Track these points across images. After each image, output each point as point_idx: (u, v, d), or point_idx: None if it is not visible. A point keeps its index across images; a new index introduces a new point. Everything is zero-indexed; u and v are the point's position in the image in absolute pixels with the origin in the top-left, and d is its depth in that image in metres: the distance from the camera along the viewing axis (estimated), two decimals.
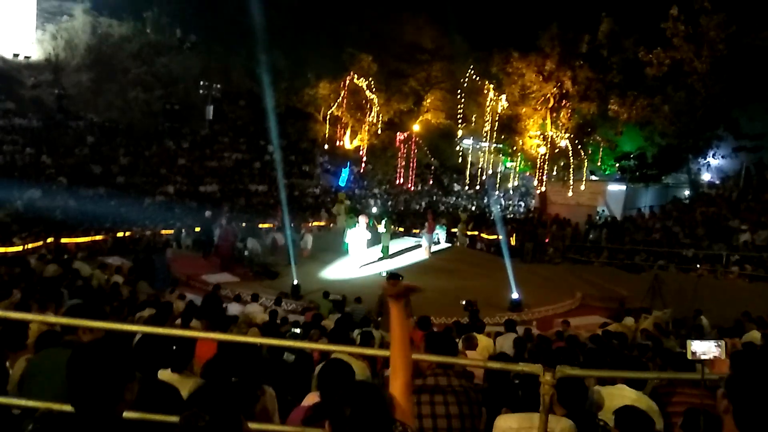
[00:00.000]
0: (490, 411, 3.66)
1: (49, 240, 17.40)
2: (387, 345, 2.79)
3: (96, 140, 28.47)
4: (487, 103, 30.10)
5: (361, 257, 17.61)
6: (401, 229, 25.46)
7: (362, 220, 17.66)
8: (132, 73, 32.42)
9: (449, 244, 23.03)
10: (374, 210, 29.33)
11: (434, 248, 20.97)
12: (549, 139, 27.81)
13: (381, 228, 19.91)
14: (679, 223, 20.20)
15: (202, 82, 33.60)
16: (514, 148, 29.38)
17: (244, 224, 20.75)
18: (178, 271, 16.33)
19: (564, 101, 27.39)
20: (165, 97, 32.53)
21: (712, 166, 25.99)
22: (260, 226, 22.42)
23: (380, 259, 18.95)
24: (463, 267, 19.09)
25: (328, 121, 34.13)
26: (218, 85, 34.15)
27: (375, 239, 19.66)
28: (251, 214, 24.63)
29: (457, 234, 23.42)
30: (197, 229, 20.24)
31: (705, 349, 3.06)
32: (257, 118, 33.29)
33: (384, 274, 15.51)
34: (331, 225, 24.50)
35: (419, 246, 20.93)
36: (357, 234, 17.46)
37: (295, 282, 14.69)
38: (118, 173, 26.80)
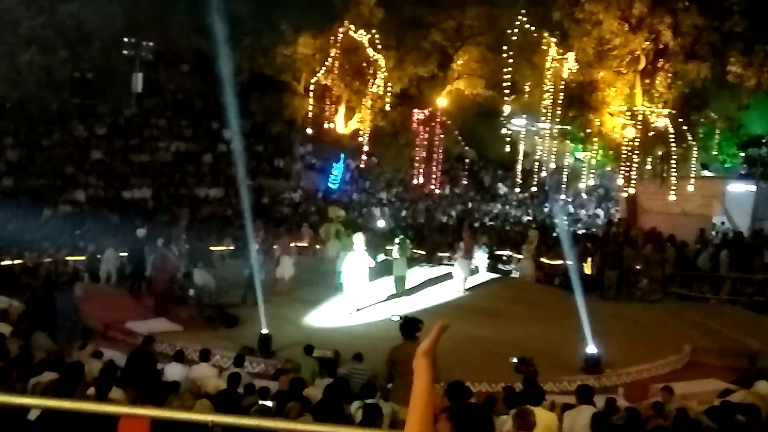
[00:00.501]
0: None
1: None
2: (400, 425, 2.83)
3: None
4: (547, 65, 30.20)
5: (361, 294, 17.71)
6: (422, 253, 25.50)
7: (359, 239, 17.74)
8: (24, 26, 32.73)
9: (494, 275, 23.13)
10: (381, 223, 29.39)
11: (472, 280, 21.06)
12: (640, 117, 27.85)
13: (394, 252, 20.06)
14: None
15: (126, 39, 33.92)
16: (588, 130, 29.39)
17: (189, 247, 20.86)
18: (91, 316, 16.40)
19: (661, 61, 27.44)
20: (72, 61, 32.87)
21: None
22: (213, 249, 22.49)
23: (392, 296, 19.07)
24: (515, 308, 19.15)
25: (312, 94, 34.31)
26: (150, 44, 34.48)
27: (382, 268, 19.77)
28: (200, 231, 24.77)
29: (522, 261, 23.65)
30: (121, 255, 20.35)
31: None
32: (207, 90, 33.64)
33: (396, 318, 15.50)
34: (318, 247, 24.59)
35: (449, 277, 21.04)
36: (355, 260, 17.56)
37: (265, 331, 14.71)
38: (2, 173, 27.06)
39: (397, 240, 20.46)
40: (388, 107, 35.15)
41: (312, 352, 12.77)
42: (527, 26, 31.37)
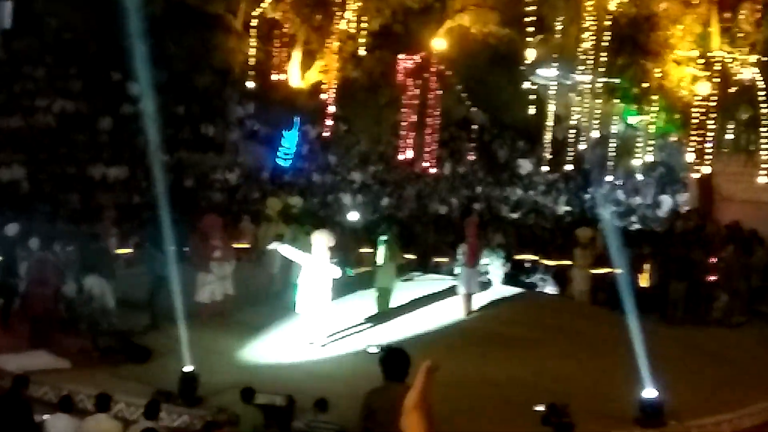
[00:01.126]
0: None
1: None
2: None
3: None
4: None
5: (324, 317, 17.79)
6: (410, 257, 25.51)
7: (320, 240, 17.76)
8: None
9: (513, 289, 23.23)
10: (353, 216, 29.33)
11: (481, 297, 21.17)
12: (717, 67, 27.93)
13: (378, 256, 20.28)
14: None
15: None
16: (645, 85, 29.48)
17: (79, 249, 20.69)
18: None
19: None
20: None
21: None
22: (113, 251, 22.26)
23: (371, 319, 19.17)
24: (542, 335, 19.27)
25: (254, 33, 34.12)
26: None
27: (355, 279, 19.75)
28: (93, 226, 24.60)
29: (573, 272, 24.01)
30: None
31: None
32: (104, 27, 33.28)
33: (374, 350, 15.52)
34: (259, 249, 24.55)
35: (450, 293, 21.15)
36: (315, 269, 17.62)
37: (188, 368, 14.66)
38: None
39: (381, 239, 20.45)
40: (362, 51, 34.98)
41: (254, 399, 12.72)
42: None
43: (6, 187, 28.10)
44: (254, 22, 33.75)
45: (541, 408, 11.50)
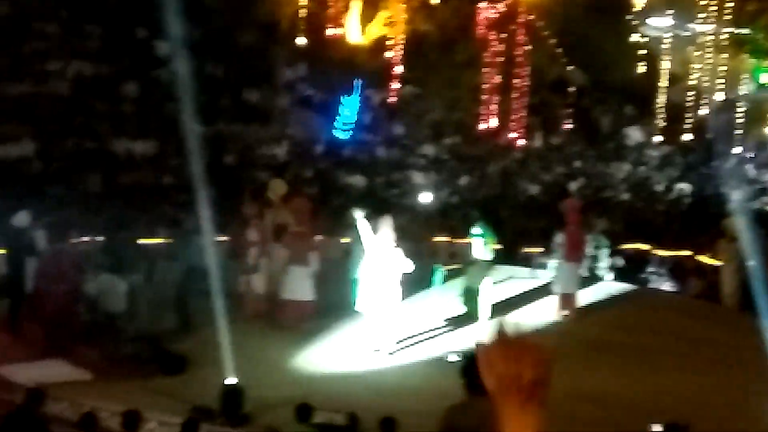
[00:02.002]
0: None
1: None
2: None
3: None
4: None
5: (394, 319, 17.83)
6: (497, 248, 25.49)
7: (387, 227, 17.90)
8: None
9: (622, 286, 23.08)
10: (425, 198, 29.28)
11: (581, 295, 21.15)
12: None
13: (473, 248, 20.35)
14: None
15: None
16: None
17: (101, 240, 20.89)
18: None
19: None
20: None
21: None
22: (139, 241, 22.38)
23: (452, 322, 19.23)
24: (659, 343, 19.13)
25: None
26: None
27: (420, 274, 19.76)
28: (119, 212, 24.84)
29: (722, 269, 23.82)
30: None
31: None
32: None
33: (454, 358, 15.41)
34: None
35: (545, 292, 21.31)
36: (379, 261, 17.72)
37: (232, 380, 14.71)
38: None
39: (475, 230, 20.39)
40: (434, 0, 34.98)
41: (310, 417, 12.68)
42: None
43: (13, 165, 28.30)
44: None
45: (658, 429, 11.38)
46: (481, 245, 20.08)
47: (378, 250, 17.74)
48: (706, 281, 24.33)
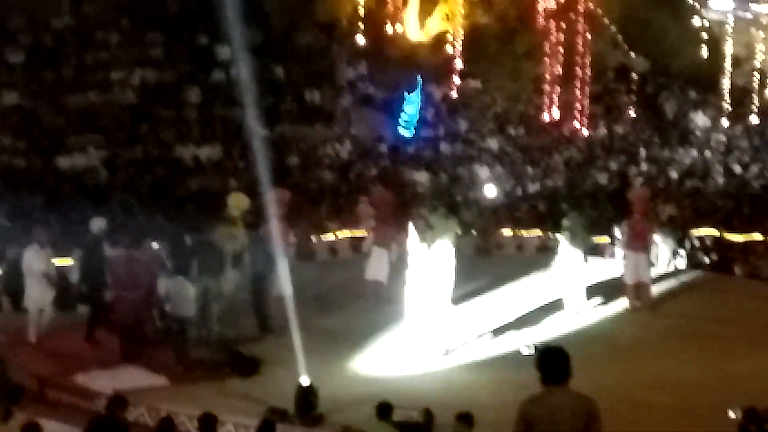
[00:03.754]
0: None
1: None
2: None
3: None
4: None
5: (439, 318, 17.73)
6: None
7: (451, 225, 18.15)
8: None
9: (693, 273, 23.01)
10: (490, 191, 29.15)
11: (654, 283, 21.08)
12: None
13: (563, 242, 20.27)
14: None
15: None
16: None
17: (174, 243, 20.92)
18: (20, 367, 16.58)
19: None
20: None
21: None
22: (217, 241, 22.39)
23: (537, 311, 19.37)
24: (731, 328, 18.98)
25: None
26: None
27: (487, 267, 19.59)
28: (188, 217, 24.86)
29: None
30: (64, 262, 20.48)
31: None
32: None
33: (528, 351, 15.40)
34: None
35: (616, 281, 21.25)
36: (431, 259, 17.76)
37: (306, 381, 14.73)
38: None
39: (566, 222, 20.38)
40: None
41: (389, 414, 12.64)
42: None
43: (80, 175, 28.42)
44: None
45: (736, 414, 11.26)
46: (570, 237, 19.93)
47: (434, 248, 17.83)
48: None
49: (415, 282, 17.97)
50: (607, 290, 21.28)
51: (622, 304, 20.45)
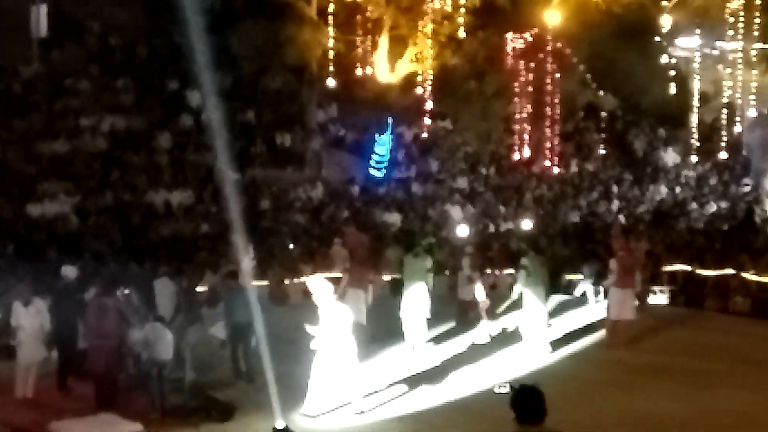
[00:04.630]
0: None
1: None
2: None
3: None
4: None
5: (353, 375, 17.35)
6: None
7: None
8: None
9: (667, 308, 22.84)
10: (461, 231, 29.24)
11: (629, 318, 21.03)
12: None
13: (520, 279, 20.06)
14: None
15: None
16: None
17: (139, 292, 20.82)
18: None
19: None
20: None
21: None
22: (194, 288, 22.28)
23: (510, 350, 19.15)
24: (708, 364, 19.01)
25: (333, 21, 34.25)
26: None
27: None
28: (160, 263, 24.72)
29: None
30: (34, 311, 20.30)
31: None
32: (156, 27, 33.83)
33: (502, 390, 15.36)
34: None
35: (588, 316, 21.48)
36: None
37: (280, 425, 14.66)
38: None
39: (524, 261, 20.23)
40: (462, 33, 34.94)
41: None
42: None
43: (51, 223, 28.33)
44: (331, 8, 33.86)
45: None
46: (526, 276, 19.92)
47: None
48: (751, 299, 24.13)
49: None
50: (579, 327, 21.50)
51: (595, 339, 20.54)
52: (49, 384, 18.09)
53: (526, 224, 30.06)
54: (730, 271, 25.15)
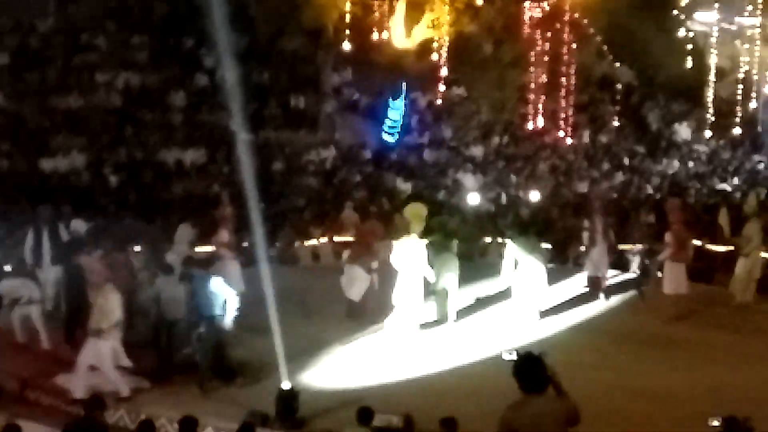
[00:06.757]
0: None
1: None
2: None
3: None
4: None
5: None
6: (546, 247, 25.35)
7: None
8: None
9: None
10: (473, 199, 29.15)
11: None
12: None
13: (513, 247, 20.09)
14: None
15: None
16: None
17: (152, 249, 20.84)
18: (0, 368, 16.58)
19: None
20: None
21: None
22: (196, 249, 22.35)
23: (518, 315, 19.30)
24: (710, 335, 19.03)
25: None
26: None
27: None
28: (170, 222, 24.74)
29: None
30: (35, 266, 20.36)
31: None
32: None
33: (509, 356, 15.43)
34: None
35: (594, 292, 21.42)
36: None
37: (287, 385, 14.69)
38: None
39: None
40: (479, 0, 34.82)
41: (370, 419, 12.64)
42: None
43: (64, 178, 28.36)
44: None
45: (716, 423, 11.23)
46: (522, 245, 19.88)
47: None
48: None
49: (401, 289, 18.19)
50: (584, 297, 21.57)
51: (610, 310, 20.77)
52: (57, 337, 18.24)
53: (534, 195, 29.82)
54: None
